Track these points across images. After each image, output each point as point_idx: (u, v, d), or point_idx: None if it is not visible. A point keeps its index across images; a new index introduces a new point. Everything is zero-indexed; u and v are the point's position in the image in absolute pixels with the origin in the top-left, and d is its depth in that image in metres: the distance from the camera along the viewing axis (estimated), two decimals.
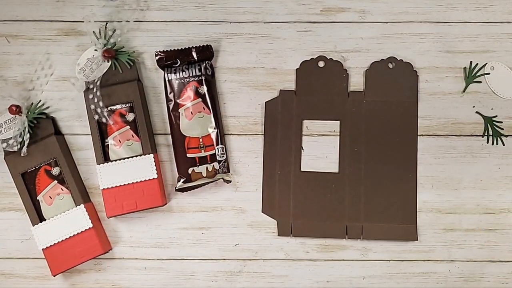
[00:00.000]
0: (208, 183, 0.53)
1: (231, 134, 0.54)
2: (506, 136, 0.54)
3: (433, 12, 0.55)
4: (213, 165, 0.52)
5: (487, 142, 0.54)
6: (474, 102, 0.54)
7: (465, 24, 0.55)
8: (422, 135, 0.54)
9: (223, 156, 0.53)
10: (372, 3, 0.55)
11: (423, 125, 0.54)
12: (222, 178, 0.53)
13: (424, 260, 0.53)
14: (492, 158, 0.54)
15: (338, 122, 0.54)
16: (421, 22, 0.55)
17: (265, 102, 0.54)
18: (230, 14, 0.55)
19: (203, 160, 0.53)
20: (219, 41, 0.55)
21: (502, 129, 0.54)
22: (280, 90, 0.54)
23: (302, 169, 0.53)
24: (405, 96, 0.54)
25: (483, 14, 0.55)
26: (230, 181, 0.53)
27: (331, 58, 0.54)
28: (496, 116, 0.54)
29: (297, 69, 0.54)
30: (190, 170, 0.52)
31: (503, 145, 0.54)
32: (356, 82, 0.54)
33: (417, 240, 0.53)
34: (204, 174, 0.52)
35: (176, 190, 0.53)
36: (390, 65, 0.54)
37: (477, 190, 0.54)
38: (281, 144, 0.53)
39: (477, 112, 0.54)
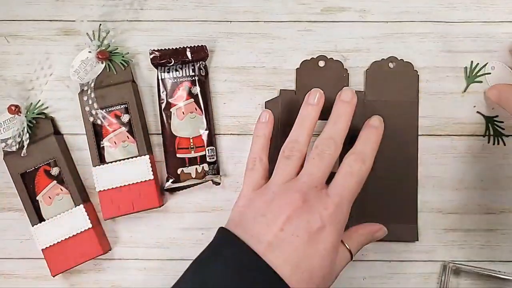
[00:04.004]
0: (197, 184, 0.53)
1: (231, 134, 0.54)
2: (507, 136, 0.54)
3: (433, 11, 0.55)
4: (203, 167, 0.52)
5: (488, 142, 0.54)
6: (475, 102, 0.54)
7: (466, 24, 0.54)
8: (422, 135, 0.54)
9: (213, 158, 0.52)
10: (372, 2, 0.55)
11: (423, 125, 0.54)
12: (212, 180, 0.52)
13: (424, 260, 0.53)
14: (493, 158, 0.54)
15: None
16: (421, 21, 0.55)
17: (265, 102, 0.54)
18: (230, 13, 0.55)
19: (193, 161, 0.52)
20: (219, 40, 0.55)
21: (503, 129, 0.54)
22: (280, 90, 0.54)
23: None
24: (406, 95, 0.54)
25: (484, 14, 0.55)
26: (219, 183, 0.53)
27: (332, 58, 0.54)
28: (497, 116, 0.54)
29: (297, 68, 0.54)
30: (179, 171, 0.52)
31: (504, 145, 0.54)
32: (357, 81, 0.54)
33: (417, 240, 0.53)
34: (193, 175, 0.52)
35: (165, 190, 0.52)
36: (391, 65, 0.54)
37: (478, 190, 0.53)
38: (281, 145, 0.53)
39: (478, 112, 0.54)
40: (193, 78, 0.53)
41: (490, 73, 0.54)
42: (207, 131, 0.53)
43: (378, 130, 0.47)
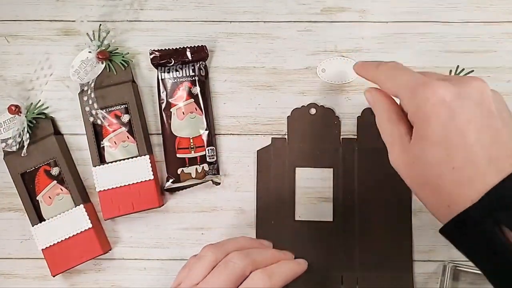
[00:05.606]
0: (197, 184, 0.53)
1: (231, 134, 0.54)
2: None
3: (433, 11, 0.55)
4: (203, 167, 0.52)
5: None
6: None
7: (466, 24, 0.54)
8: None
9: (213, 158, 0.52)
10: (372, 2, 0.55)
11: None
12: (212, 180, 0.52)
13: (424, 260, 0.53)
14: None
15: (331, 169, 0.53)
16: (421, 21, 0.55)
17: (257, 151, 0.53)
18: (230, 13, 0.55)
19: (193, 161, 0.52)
20: (219, 40, 0.55)
21: None
22: (272, 138, 0.53)
23: (296, 219, 0.52)
24: None
25: (483, 14, 0.55)
26: (219, 183, 0.53)
27: (322, 106, 0.53)
28: None
29: (288, 116, 0.54)
30: (179, 171, 0.52)
31: None
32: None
33: None
34: (194, 175, 0.52)
35: (165, 190, 0.52)
36: None
37: None
38: (275, 193, 0.53)
39: None
40: (193, 78, 0.53)
41: None
42: (207, 131, 0.53)
43: (300, 267, 0.45)
